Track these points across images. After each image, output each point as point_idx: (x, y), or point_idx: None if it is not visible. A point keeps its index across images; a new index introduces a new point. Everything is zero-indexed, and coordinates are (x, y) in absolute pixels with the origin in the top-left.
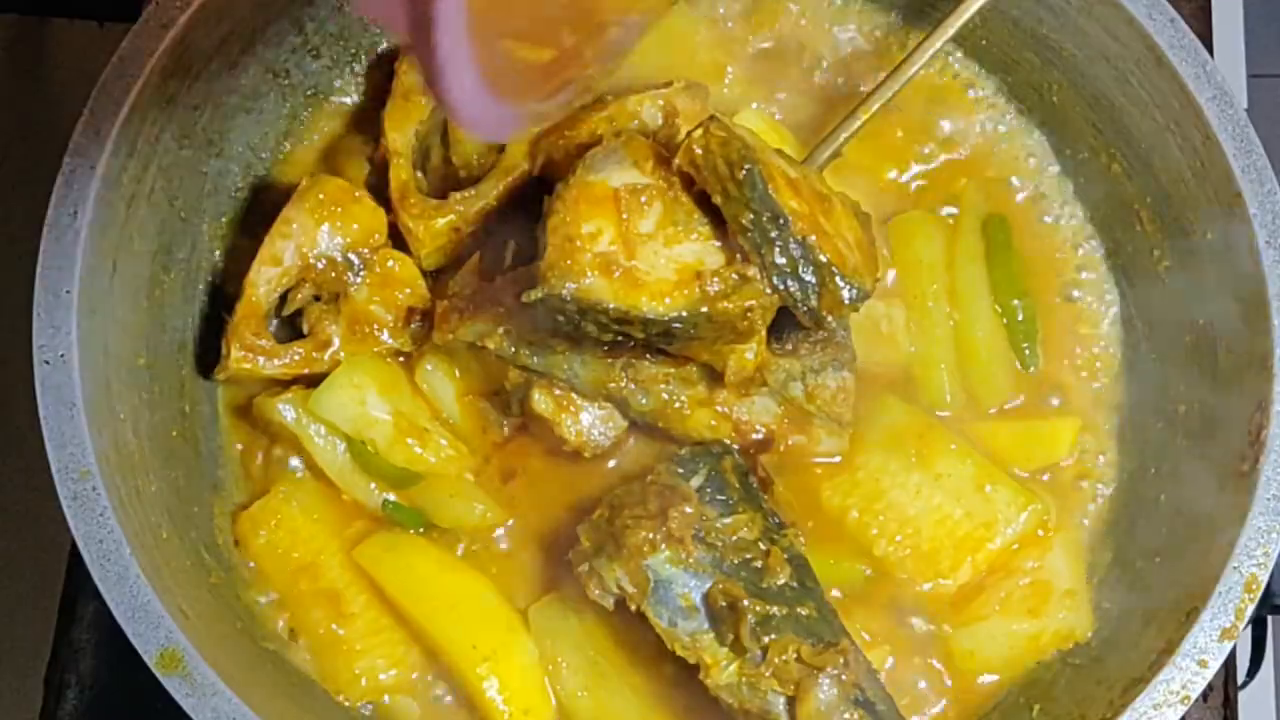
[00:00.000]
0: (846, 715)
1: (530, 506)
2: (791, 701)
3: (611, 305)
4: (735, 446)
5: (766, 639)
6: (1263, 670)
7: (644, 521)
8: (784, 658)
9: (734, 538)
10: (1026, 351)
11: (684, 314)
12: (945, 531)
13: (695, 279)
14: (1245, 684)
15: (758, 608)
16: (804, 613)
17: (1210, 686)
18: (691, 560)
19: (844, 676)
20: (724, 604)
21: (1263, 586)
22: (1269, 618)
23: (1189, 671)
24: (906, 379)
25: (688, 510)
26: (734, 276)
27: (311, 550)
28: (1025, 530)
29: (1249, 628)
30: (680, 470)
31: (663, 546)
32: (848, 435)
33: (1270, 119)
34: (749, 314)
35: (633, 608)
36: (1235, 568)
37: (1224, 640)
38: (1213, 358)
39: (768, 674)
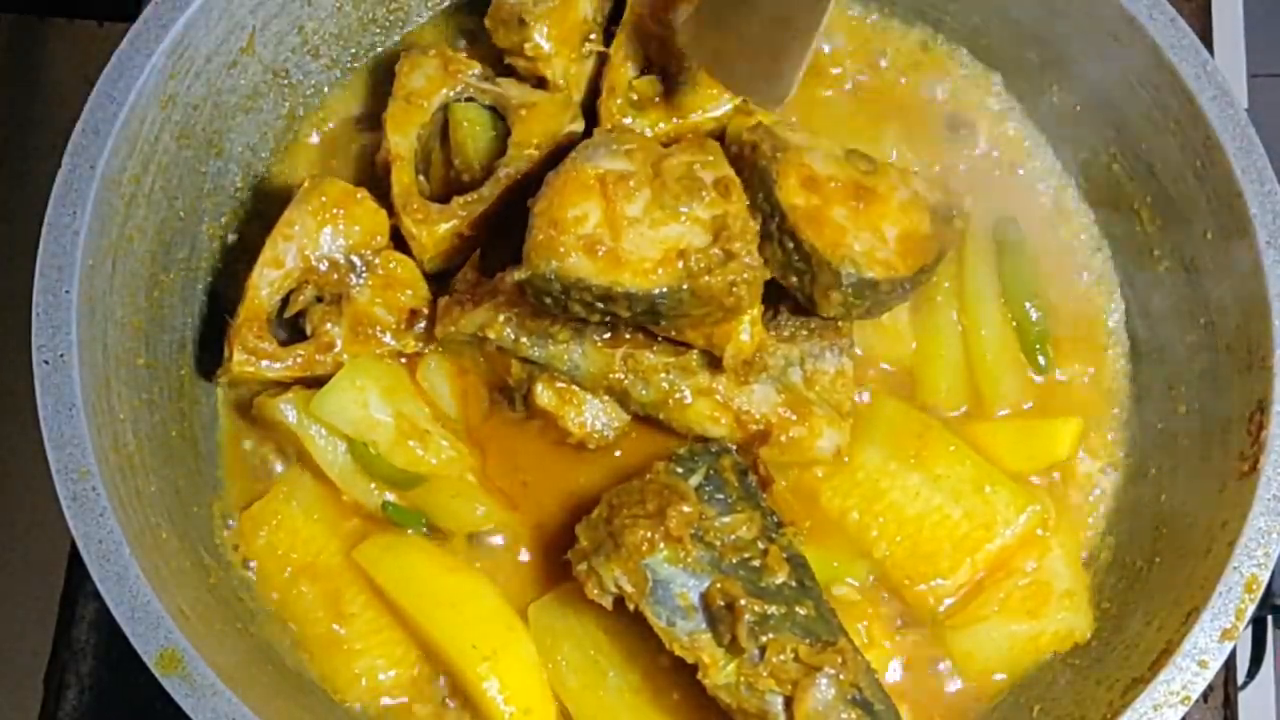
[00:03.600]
0: (844, 715)
1: (530, 506)
2: (789, 701)
3: (594, 282)
4: (734, 446)
5: (764, 638)
6: (1263, 670)
7: (642, 521)
8: (781, 657)
9: (732, 537)
10: (1040, 355)
11: (666, 289)
12: (945, 532)
13: (678, 256)
14: (1245, 684)
15: (755, 607)
16: (802, 612)
17: (1210, 687)
18: (690, 559)
19: (842, 676)
20: (722, 603)
21: (1263, 587)
22: (1269, 618)
23: (1189, 672)
24: (908, 374)
25: (686, 509)
26: (716, 253)
27: (311, 550)
28: (1024, 531)
29: (1249, 628)
30: (679, 469)
31: (661, 546)
32: (848, 426)
33: (1270, 119)
34: (734, 289)
35: (631, 607)
36: (1235, 568)
37: (1224, 640)
38: (1213, 358)
39: (765, 673)
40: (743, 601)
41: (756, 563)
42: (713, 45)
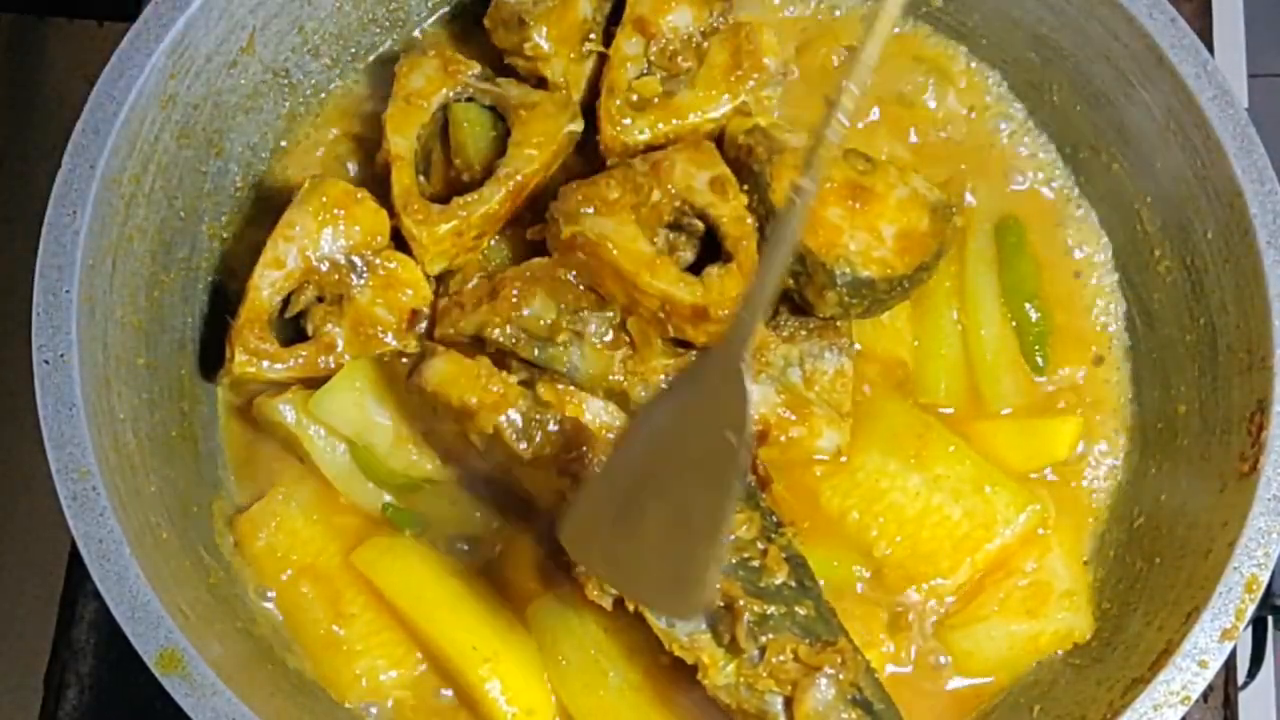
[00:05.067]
0: (844, 715)
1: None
2: (789, 701)
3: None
4: None
5: (764, 638)
6: (1263, 670)
7: None
8: (781, 657)
9: (731, 537)
10: (1038, 356)
11: None
12: (945, 532)
13: None
14: (1245, 684)
15: (755, 607)
16: (802, 612)
17: (1210, 687)
18: None
19: (841, 676)
20: (721, 604)
21: (1263, 587)
22: (1269, 618)
23: (1189, 672)
24: (907, 372)
25: None
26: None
27: (310, 552)
28: (1024, 531)
29: (1249, 628)
30: None
31: None
32: (848, 427)
33: (1270, 119)
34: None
35: (630, 608)
36: (1235, 568)
37: (1224, 640)
38: (1213, 358)
39: (765, 674)
40: (741, 602)
41: (756, 563)
42: (604, 550)
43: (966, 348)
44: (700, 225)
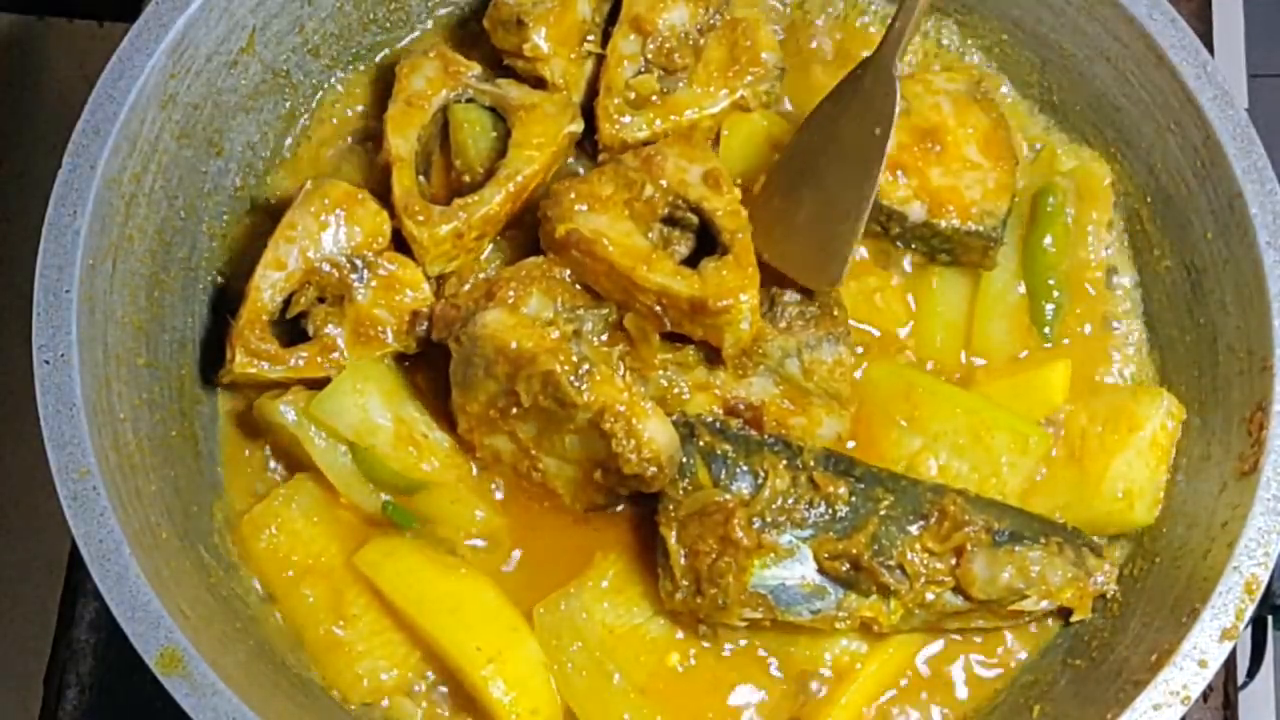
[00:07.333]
0: (1006, 562)
1: (529, 507)
2: (959, 588)
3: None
4: (692, 419)
5: (893, 555)
6: (1263, 670)
7: (718, 556)
8: (915, 557)
9: (779, 500)
10: (1047, 328)
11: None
12: (972, 485)
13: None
14: (1245, 684)
15: (860, 540)
16: (885, 506)
17: (1210, 686)
18: (778, 552)
19: (974, 532)
20: (836, 564)
21: (1263, 586)
22: (1269, 618)
23: (1189, 671)
24: (902, 350)
25: (733, 507)
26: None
27: (312, 553)
28: (1036, 460)
29: (1249, 628)
30: (685, 481)
31: (749, 562)
32: (848, 415)
33: (1270, 119)
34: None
35: (767, 623)
36: (1235, 568)
37: (1224, 640)
38: (1213, 358)
39: (921, 583)
40: (842, 546)
41: (819, 501)
42: (768, 231)
43: (972, 293)
44: (694, 219)
